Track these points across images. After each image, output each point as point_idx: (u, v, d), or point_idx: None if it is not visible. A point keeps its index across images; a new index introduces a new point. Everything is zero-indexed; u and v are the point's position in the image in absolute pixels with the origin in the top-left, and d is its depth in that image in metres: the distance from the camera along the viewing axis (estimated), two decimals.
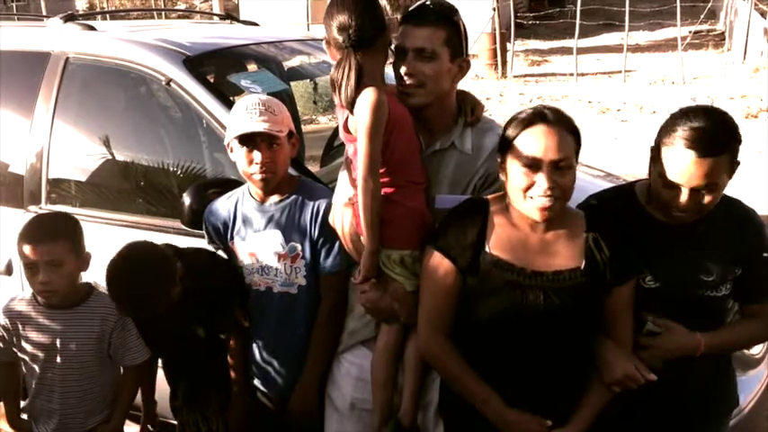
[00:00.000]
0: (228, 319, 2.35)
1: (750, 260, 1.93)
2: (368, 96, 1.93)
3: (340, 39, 1.94)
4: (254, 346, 2.37)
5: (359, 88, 1.93)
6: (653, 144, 1.90)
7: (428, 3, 2.05)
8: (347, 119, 2.00)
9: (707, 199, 1.81)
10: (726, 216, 1.92)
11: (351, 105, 1.94)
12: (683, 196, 1.81)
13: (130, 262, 2.17)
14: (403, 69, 2.03)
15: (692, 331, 1.93)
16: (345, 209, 2.09)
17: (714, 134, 1.77)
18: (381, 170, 1.96)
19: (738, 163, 1.85)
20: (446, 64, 2.03)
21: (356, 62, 1.92)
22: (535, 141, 1.78)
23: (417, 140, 2.08)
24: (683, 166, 1.78)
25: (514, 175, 1.81)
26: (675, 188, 1.81)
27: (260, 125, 2.15)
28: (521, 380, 1.87)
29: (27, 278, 2.30)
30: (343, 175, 2.18)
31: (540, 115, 1.80)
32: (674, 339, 1.93)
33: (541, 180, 1.76)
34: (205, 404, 2.47)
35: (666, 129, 1.84)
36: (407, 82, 2.03)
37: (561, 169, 1.77)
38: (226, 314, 2.34)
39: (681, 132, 1.79)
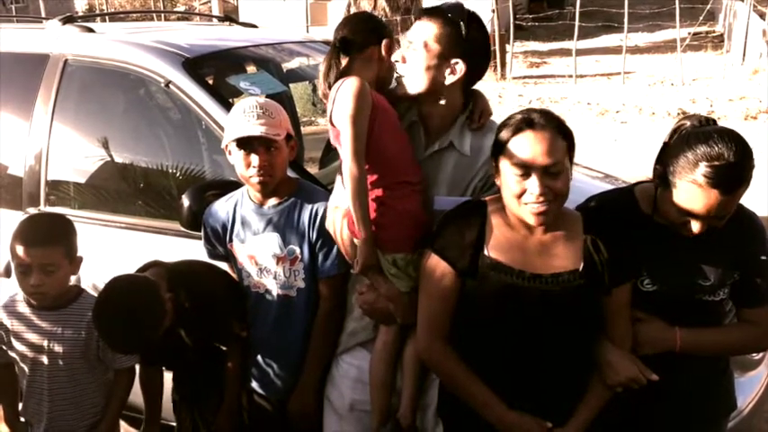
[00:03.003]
0: (227, 334, 2.35)
1: (749, 264, 1.91)
2: (349, 83, 1.98)
3: (333, 40, 2.09)
4: (253, 348, 2.37)
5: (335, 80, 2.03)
6: (659, 166, 1.84)
7: (442, 5, 2.08)
8: (331, 112, 2.01)
9: (723, 222, 1.80)
10: (726, 220, 1.89)
11: (325, 96, 2.05)
12: (701, 223, 1.78)
13: (116, 307, 2.10)
14: (394, 57, 2.10)
15: (671, 326, 1.91)
16: (340, 212, 2.10)
17: (738, 170, 1.71)
18: (368, 166, 1.96)
19: None
20: (430, 60, 2.03)
21: (335, 60, 2.06)
22: (524, 148, 1.77)
23: (408, 139, 2.09)
24: (706, 203, 1.73)
25: (508, 181, 1.81)
26: (692, 216, 1.78)
27: (257, 128, 2.14)
28: (520, 381, 1.87)
29: (18, 279, 2.29)
30: (339, 180, 2.18)
31: (527, 121, 1.80)
32: (648, 330, 1.91)
33: (533, 186, 1.76)
34: (205, 404, 2.46)
35: (684, 159, 1.74)
36: (398, 70, 2.10)
37: (553, 174, 1.76)
38: (224, 330, 2.34)
39: (703, 170, 1.70)
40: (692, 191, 1.74)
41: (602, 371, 1.88)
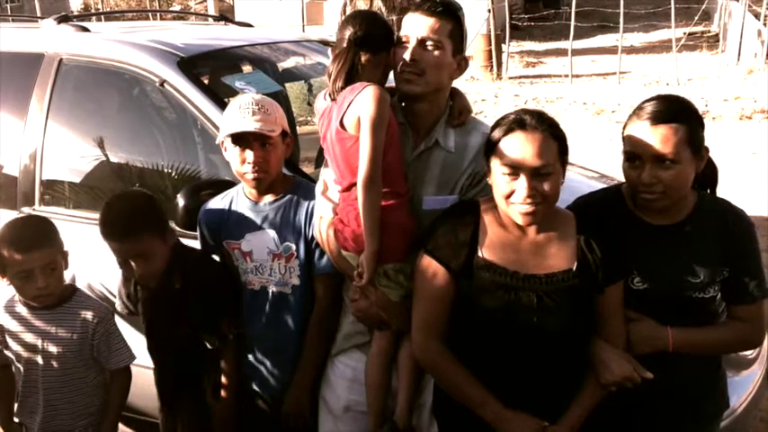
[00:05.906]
0: (213, 329, 2.31)
1: (737, 260, 1.92)
2: (371, 91, 1.95)
3: (347, 35, 2.01)
4: (248, 345, 2.36)
5: (352, 82, 1.98)
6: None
7: (444, 2, 2.07)
8: (344, 115, 1.99)
9: (669, 173, 1.81)
10: (713, 216, 1.92)
11: (336, 94, 2.00)
12: (646, 171, 1.82)
13: (125, 196, 2.39)
14: (406, 55, 2.03)
15: (663, 325, 1.92)
16: (327, 224, 2.10)
17: (665, 105, 1.85)
18: None
19: (707, 149, 1.88)
20: (448, 57, 2.05)
21: (353, 57, 1.99)
22: (514, 149, 1.78)
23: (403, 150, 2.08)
24: (639, 136, 1.83)
25: (497, 180, 1.82)
26: (638, 165, 1.84)
27: (252, 124, 2.14)
28: (516, 381, 1.87)
29: (18, 286, 2.26)
30: (319, 189, 2.18)
31: (519, 122, 1.81)
32: (640, 329, 1.92)
33: (521, 187, 1.77)
34: (179, 409, 2.45)
35: (627, 119, 1.92)
36: (408, 69, 2.03)
37: (542, 176, 1.77)
38: (210, 324, 2.30)
39: (635, 112, 1.88)
40: (628, 133, 1.87)
41: (596, 370, 1.89)
